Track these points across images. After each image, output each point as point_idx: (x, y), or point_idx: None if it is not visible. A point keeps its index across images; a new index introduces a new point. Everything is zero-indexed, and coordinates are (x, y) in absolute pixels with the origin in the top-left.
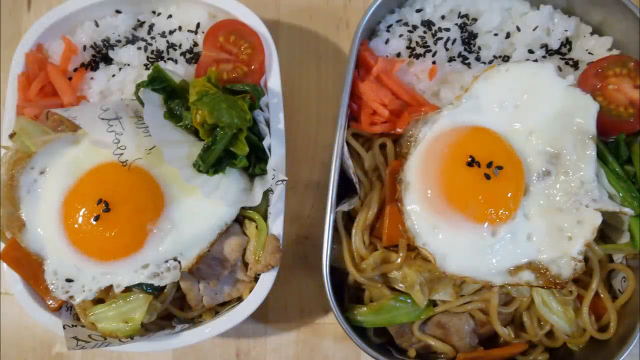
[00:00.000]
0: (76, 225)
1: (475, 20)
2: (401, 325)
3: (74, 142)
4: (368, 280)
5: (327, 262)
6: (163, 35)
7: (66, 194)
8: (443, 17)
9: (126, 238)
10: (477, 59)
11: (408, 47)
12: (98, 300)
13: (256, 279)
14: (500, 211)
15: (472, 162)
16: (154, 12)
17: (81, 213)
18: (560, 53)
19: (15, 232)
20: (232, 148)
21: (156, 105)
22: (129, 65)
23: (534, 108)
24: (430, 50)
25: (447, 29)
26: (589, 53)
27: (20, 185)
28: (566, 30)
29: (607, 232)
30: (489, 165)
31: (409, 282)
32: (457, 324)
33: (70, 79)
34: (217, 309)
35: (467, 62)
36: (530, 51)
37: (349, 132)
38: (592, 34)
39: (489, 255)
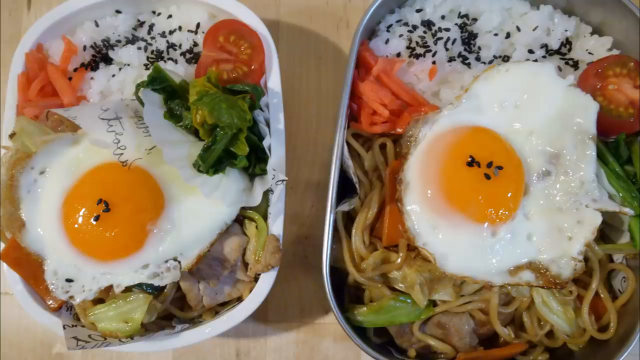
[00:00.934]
0: (76, 225)
1: (475, 20)
2: (401, 325)
3: (74, 142)
4: (368, 280)
5: (327, 262)
6: (163, 35)
7: (66, 194)
8: (443, 17)
9: (126, 238)
10: (477, 59)
11: (408, 47)
12: (98, 300)
13: (256, 279)
14: (500, 211)
15: (472, 162)
16: (154, 12)
17: (81, 213)
18: (560, 53)
19: (15, 232)
20: (232, 148)
21: (156, 105)
22: (129, 65)
23: (534, 108)
24: (430, 50)
25: (447, 29)
26: (589, 53)
27: (20, 185)
28: (566, 30)
29: (607, 232)
30: (489, 165)
31: (409, 282)
32: (457, 324)
33: (70, 79)
34: (217, 309)
35: (467, 62)
36: (530, 51)
37: (349, 132)
38: (592, 34)
39: (489, 255)
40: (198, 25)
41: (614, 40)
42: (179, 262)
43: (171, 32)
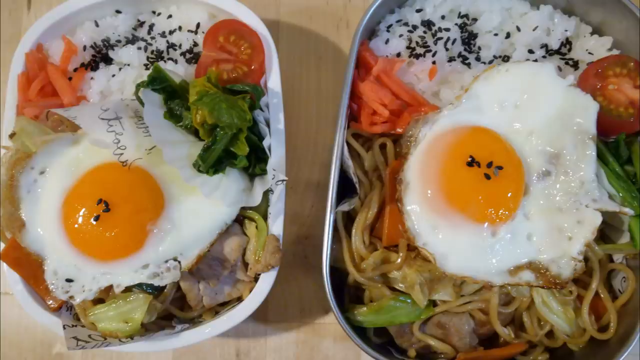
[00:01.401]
0: (76, 225)
1: (475, 20)
2: (401, 325)
3: (74, 142)
4: (368, 280)
5: (327, 262)
6: (163, 35)
7: (66, 194)
8: (443, 17)
9: (126, 238)
10: (477, 59)
11: (408, 47)
12: (98, 300)
13: (256, 279)
14: (500, 211)
15: (472, 162)
16: (154, 12)
17: (81, 213)
18: (560, 53)
19: (15, 232)
20: (232, 148)
21: (156, 105)
22: (129, 65)
23: (534, 108)
24: (430, 50)
25: (447, 29)
26: (589, 53)
27: (20, 185)
28: (566, 30)
29: (607, 232)
30: (489, 165)
31: (409, 282)
32: (457, 324)
33: (70, 79)
34: (217, 309)
35: (467, 62)
36: (530, 51)
37: (349, 132)
38: (592, 34)
39: (489, 255)
40: (198, 25)
41: (614, 40)
42: (179, 262)
43: (171, 32)
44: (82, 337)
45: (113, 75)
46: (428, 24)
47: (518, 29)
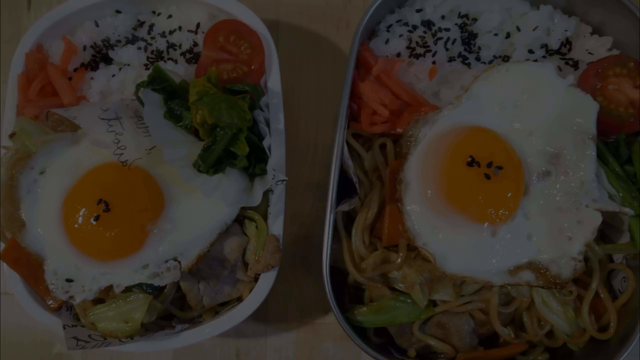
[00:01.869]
0: (76, 225)
1: (475, 20)
2: (401, 325)
3: (74, 142)
4: (368, 280)
5: (327, 262)
6: (163, 35)
7: (66, 194)
8: (443, 17)
9: (126, 238)
10: (477, 59)
11: (408, 47)
12: (98, 300)
13: (256, 279)
14: (500, 211)
15: (472, 162)
16: (154, 12)
17: (81, 213)
18: (560, 53)
19: (15, 232)
20: (232, 148)
21: (156, 105)
22: (129, 65)
23: (534, 108)
24: (430, 50)
25: (447, 29)
26: (589, 53)
27: (20, 185)
28: (566, 30)
29: (607, 232)
30: (489, 165)
31: (409, 282)
32: (457, 324)
33: (70, 79)
34: (217, 309)
35: (467, 62)
36: (530, 51)
37: (349, 132)
38: (592, 34)
39: (489, 255)
40: (198, 25)
41: (614, 40)
42: (179, 262)
43: (171, 32)
44: (82, 337)
45: (113, 75)
46: (428, 24)
47: (518, 29)
